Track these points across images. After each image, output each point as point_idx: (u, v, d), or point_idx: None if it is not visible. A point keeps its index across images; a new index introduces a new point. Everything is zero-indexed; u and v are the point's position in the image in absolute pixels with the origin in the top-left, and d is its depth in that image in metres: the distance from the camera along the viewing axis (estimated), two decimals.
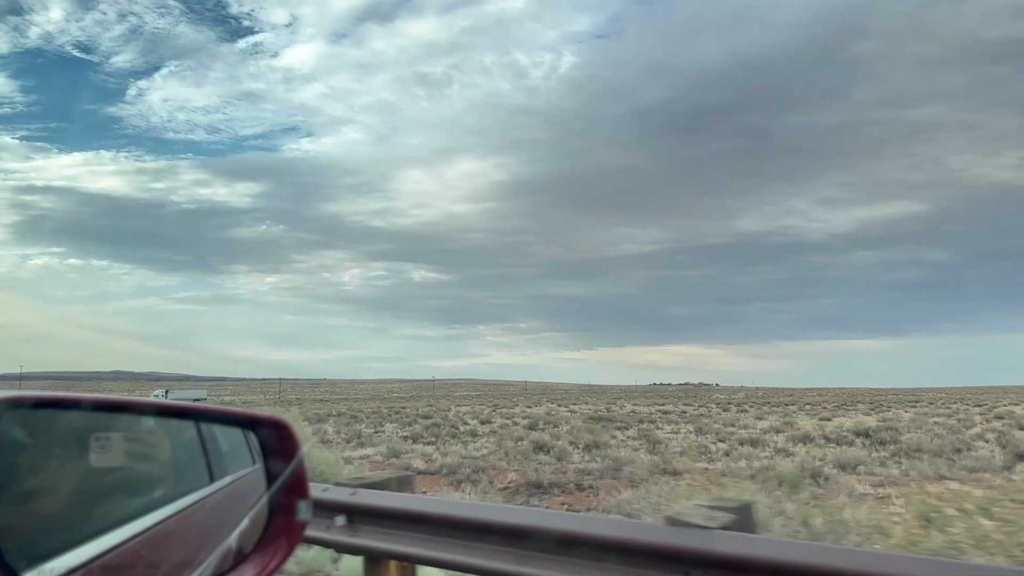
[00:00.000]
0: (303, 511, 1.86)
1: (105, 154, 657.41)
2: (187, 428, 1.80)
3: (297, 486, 1.87)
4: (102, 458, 1.48)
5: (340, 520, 4.66)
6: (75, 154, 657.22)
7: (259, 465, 1.89)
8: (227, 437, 1.93)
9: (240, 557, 1.78)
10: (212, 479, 1.84)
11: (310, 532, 4.62)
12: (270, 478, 1.86)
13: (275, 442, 1.87)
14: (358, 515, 4.68)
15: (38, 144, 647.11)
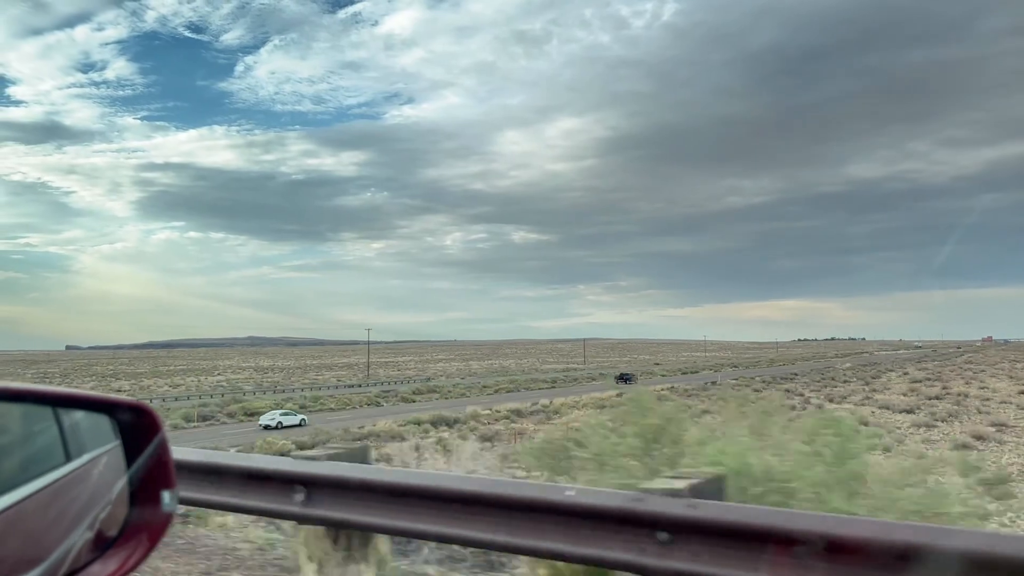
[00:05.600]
0: (168, 502, 1.71)
1: (218, 129, 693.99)
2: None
3: (162, 475, 1.72)
4: None
5: None
6: (190, 130, 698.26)
7: (119, 441, 1.73)
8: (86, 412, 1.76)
9: (99, 549, 1.64)
10: (68, 458, 1.67)
11: None
12: (130, 466, 1.71)
13: (135, 428, 1.72)
14: None
15: (157, 123, 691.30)
